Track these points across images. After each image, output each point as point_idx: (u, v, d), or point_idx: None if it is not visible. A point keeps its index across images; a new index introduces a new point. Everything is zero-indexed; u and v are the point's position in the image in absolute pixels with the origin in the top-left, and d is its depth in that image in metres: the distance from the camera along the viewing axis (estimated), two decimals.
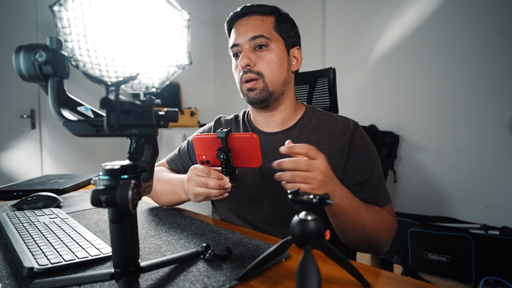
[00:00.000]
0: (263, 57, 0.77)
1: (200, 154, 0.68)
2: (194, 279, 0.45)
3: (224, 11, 3.18)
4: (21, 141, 2.20)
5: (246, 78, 0.77)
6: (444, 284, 1.61)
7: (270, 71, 0.77)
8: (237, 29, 0.80)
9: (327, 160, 0.60)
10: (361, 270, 0.45)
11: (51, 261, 0.48)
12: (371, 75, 2.31)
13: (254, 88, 0.77)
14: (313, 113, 0.84)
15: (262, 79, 0.77)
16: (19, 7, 2.15)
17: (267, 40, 0.77)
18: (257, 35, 0.76)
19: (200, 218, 0.77)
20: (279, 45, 0.79)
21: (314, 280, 0.35)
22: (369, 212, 0.66)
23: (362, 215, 0.64)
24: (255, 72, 0.77)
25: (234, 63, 0.83)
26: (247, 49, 0.77)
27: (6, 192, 1.01)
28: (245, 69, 0.77)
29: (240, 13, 0.81)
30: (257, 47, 0.77)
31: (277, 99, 0.80)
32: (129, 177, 0.36)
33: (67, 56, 0.39)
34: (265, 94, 0.77)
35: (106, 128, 0.34)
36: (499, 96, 1.81)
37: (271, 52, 0.77)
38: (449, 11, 1.96)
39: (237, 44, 0.79)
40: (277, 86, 0.79)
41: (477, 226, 1.68)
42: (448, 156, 1.99)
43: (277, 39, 0.79)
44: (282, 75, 0.79)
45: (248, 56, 0.76)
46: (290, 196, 0.40)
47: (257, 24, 0.78)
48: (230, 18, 0.83)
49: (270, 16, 0.80)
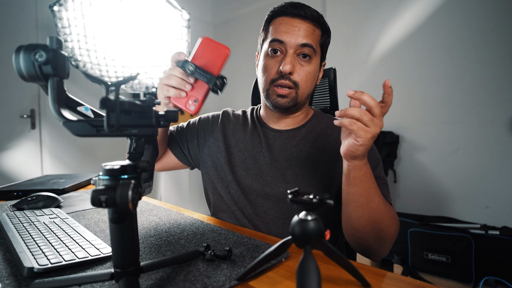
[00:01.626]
0: (304, 68, 0.76)
1: (185, 103, 0.66)
2: (194, 279, 0.45)
3: (224, 11, 3.19)
4: (21, 141, 2.20)
5: (282, 83, 0.75)
6: (444, 284, 1.61)
7: (305, 83, 0.76)
8: (288, 27, 0.75)
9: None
10: (361, 270, 0.45)
11: (51, 261, 0.48)
12: (371, 75, 2.31)
13: (286, 96, 0.76)
14: (321, 117, 0.86)
15: (296, 89, 0.76)
16: (19, 7, 2.15)
17: (313, 52, 0.75)
18: (308, 43, 0.74)
19: (200, 218, 0.77)
20: (318, 59, 0.79)
21: (314, 280, 0.35)
22: (381, 197, 0.66)
23: (377, 193, 0.64)
24: (292, 81, 0.75)
25: (266, 58, 0.78)
26: (292, 54, 0.74)
27: (6, 192, 1.01)
28: (285, 75, 0.74)
29: (295, 12, 0.75)
30: (301, 55, 0.75)
31: (298, 109, 0.82)
32: (129, 177, 0.36)
33: (67, 56, 0.39)
34: (292, 103, 0.77)
35: (106, 128, 0.34)
36: (499, 96, 1.81)
37: (311, 65, 0.77)
38: (449, 11, 1.96)
39: (282, 42, 0.74)
40: (304, 99, 0.79)
41: (477, 226, 1.68)
42: (448, 156, 1.99)
43: (318, 53, 0.78)
44: (311, 88, 0.80)
45: (293, 63, 0.74)
46: (290, 196, 0.40)
47: (309, 32, 0.75)
48: (279, 10, 0.77)
49: (319, 27, 0.78)
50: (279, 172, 0.78)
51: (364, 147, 0.58)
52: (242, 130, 0.88)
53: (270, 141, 0.82)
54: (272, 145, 0.82)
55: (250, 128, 0.87)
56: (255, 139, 0.85)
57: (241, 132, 0.87)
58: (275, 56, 0.76)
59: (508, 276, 1.47)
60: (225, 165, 0.84)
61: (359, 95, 0.56)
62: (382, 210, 0.65)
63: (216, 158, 0.86)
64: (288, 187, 0.76)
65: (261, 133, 0.85)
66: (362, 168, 0.61)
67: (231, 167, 0.83)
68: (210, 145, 0.88)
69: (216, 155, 0.86)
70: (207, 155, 0.88)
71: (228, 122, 0.90)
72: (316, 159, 0.78)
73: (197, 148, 0.90)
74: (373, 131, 0.56)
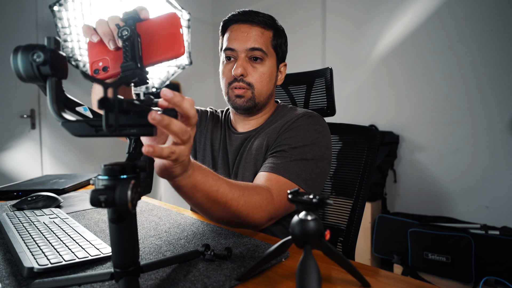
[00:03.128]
0: (257, 70, 0.80)
1: (95, 60, 0.51)
2: (194, 279, 0.45)
3: (224, 11, 3.18)
4: (21, 141, 2.20)
5: (237, 85, 0.80)
6: (444, 284, 1.61)
7: (260, 84, 0.80)
8: (236, 34, 0.80)
9: None
10: (361, 270, 0.45)
11: (51, 261, 0.48)
12: (371, 75, 2.31)
13: (242, 96, 0.80)
14: (282, 110, 0.88)
15: (252, 90, 0.80)
16: (19, 7, 2.15)
17: (264, 54, 0.80)
18: (256, 47, 0.78)
19: (200, 218, 0.77)
20: (272, 61, 0.83)
21: (314, 280, 0.35)
22: (233, 188, 0.59)
23: (222, 191, 0.57)
24: (246, 83, 0.80)
25: (223, 65, 0.84)
26: (243, 58, 0.79)
27: (6, 192, 1.01)
28: (237, 78, 0.79)
29: (243, 18, 0.81)
30: (252, 58, 0.80)
31: (260, 109, 0.85)
32: (128, 177, 0.36)
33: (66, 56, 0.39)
34: (251, 103, 0.81)
35: (105, 128, 0.34)
36: (499, 96, 1.81)
37: (264, 67, 0.81)
38: (449, 11, 1.96)
39: (233, 49, 0.80)
40: (263, 99, 0.83)
41: (477, 226, 1.68)
42: (448, 156, 1.99)
43: (271, 54, 0.82)
44: (269, 88, 0.84)
45: (243, 66, 0.78)
46: (290, 196, 0.39)
47: (257, 36, 0.79)
48: (229, 19, 0.83)
49: (269, 29, 0.82)
50: (239, 171, 0.82)
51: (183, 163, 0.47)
52: (215, 132, 0.93)
53: (233, 142, 0.87)
54: (228, 148, 0.87)
55: (221, 130, 0.92)
56: (218, 140, 0.91)
57: (215, 134, 0.92)
58: (229, 62, 0.82)
59: (508, 276, 1.47)
60: (202, 161, 0.90)
61: (173, 99, 0.41)
62: (237, 203, 0.59)
63: (202, 154, 0.93)
64: (246, 180, 0.79)
65: (224, 135, 0.90)
66: (189, 179, 0.51)
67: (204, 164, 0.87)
68: (199, 142, 0.94)
69: (201, 151, 0.93)
70: (198, 150, 0.94)
71: (209, 123, 0.96)
72: (257, 153, 0.80)
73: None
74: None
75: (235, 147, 0.86)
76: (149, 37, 0.47)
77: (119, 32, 0.45)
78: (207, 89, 3.44)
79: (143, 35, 0.47)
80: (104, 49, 0.50)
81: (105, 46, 0.50)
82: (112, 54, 0.49)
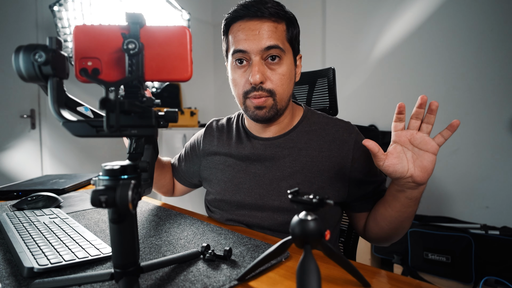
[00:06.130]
0: (276, 72, 0.68)
1: (84, 57, 0.40)
2: (194, 279, 0.45)
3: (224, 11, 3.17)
4: (21, 141, 2.20)
5: (256, 95, 0.68)
6: (444, 284, 1.61)
7: (281, 88, 0.69)
8: (246, 33, 0.67)
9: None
10: (361, 270, 0.45)
11: (51, 261, 0.48)
12: (371, 75, 2.31)
13: (264, 107, 0.69)
14: (312, 116, 0.80)
15: (273, 97, 0.69)
16: (19, 7, 2.15)
17: (281, 51, 0.68)
18: (272, 45, 0.66)
19: (200, 218, 0.77)
20: (290, 57, 0.71)
21: (314, 280, 0.35)
22: None
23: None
24: (266, 90, 0.68)
25: (233, 71, 0.72)
26: (258, 62, 0.67)
27: (6, 192, 1.01)
28: (256, 86, 0.68)
29: (250, 13, 0.67)
30: (269, 58, 0.68)
31: (281, 114, 0.75)
32: (129, 177, 0.36)
33: (67, 56, 0.39)
34: (273, 112, 0.71)
35: (106, 128, 0.34)
36: (499, 96, 1.81)
37: (283, 66, 0.69)
38: (449, 11, 1.96)
39: (244, 51, 0.67)
40: (285, 103, 0.72)
41: (477, 226, 1.68)
42: (448, 156, 1.99)
43: (288, 50, 0.71)
44: (290, 90, 0.73)
45: (261, 72, 0.67)
46: (290, 196, 0.40)
47: (271, 32, 0.67)
48: (233, 16, 0.70)
49: (282, 21, 0.69)
50: (273, 185, 0.73)
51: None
52: (227, 144, 0.82)
53: (260, 151, 0.76)
54: (263, 155, 0.76)
55: (236, 139, 0.82)
56: (243, 150, 0.79)
57: (226, 146, 0.82)
58: (241, 66, 0.70)
59: (508, 276, 1.47)
60: (215, 183, 0.81)
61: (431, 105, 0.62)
62: (411, 219, 0.69)
63: (209, 175, 0.84)
64: (283, 200, 0.71)
65: (248, 144, 0.79)
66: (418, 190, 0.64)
67: (220, 184, 0.80)
68: (204, 166, 0.86)
69: (209, 174, 0.84)
70: (205, 175, 0.86)
71: (212, 139, 0.86)
72: (311, 169, 0.73)
73: (196, 172, 0.90)
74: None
75: (269, 154, 0.76)
76: (153, 51, 0.41)
77: (124, 44, 0.38)
78: (207, 89, 3.44)
79: (146, 45, 0.40)
80: (98, 46, 0.40)
81: (99, 43, 0.40)
82: (106, 56, 0.40)
